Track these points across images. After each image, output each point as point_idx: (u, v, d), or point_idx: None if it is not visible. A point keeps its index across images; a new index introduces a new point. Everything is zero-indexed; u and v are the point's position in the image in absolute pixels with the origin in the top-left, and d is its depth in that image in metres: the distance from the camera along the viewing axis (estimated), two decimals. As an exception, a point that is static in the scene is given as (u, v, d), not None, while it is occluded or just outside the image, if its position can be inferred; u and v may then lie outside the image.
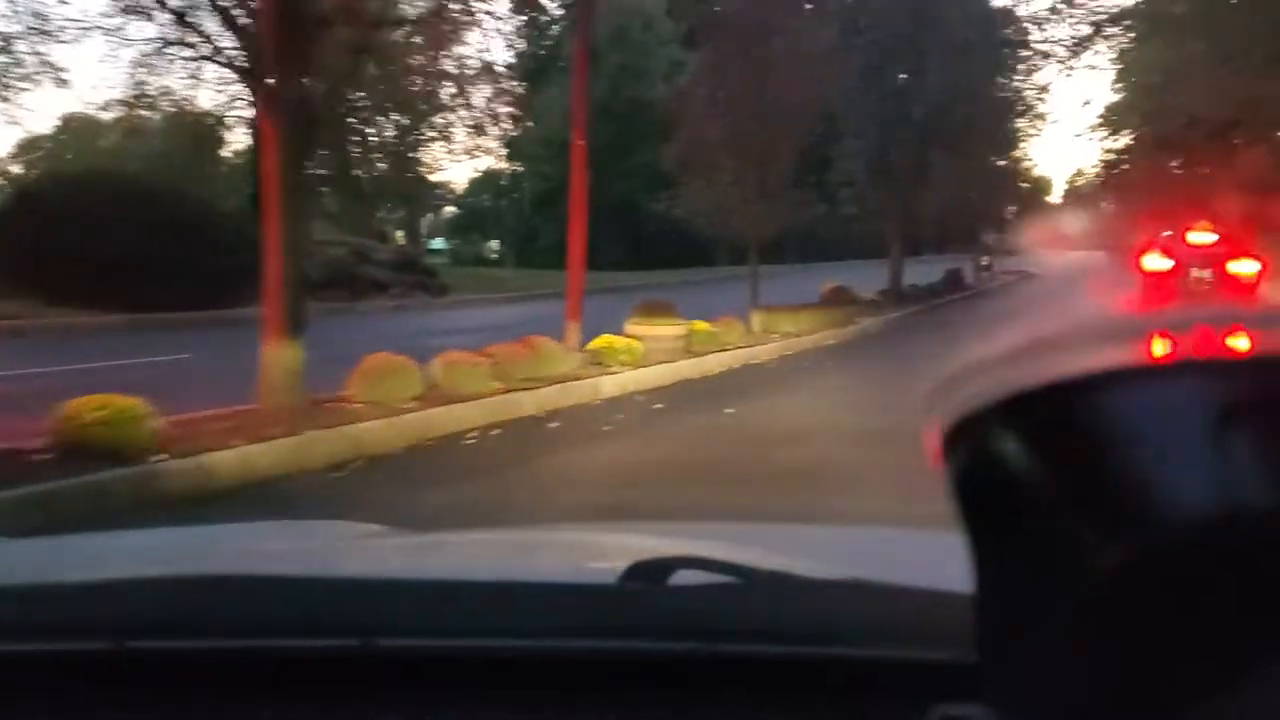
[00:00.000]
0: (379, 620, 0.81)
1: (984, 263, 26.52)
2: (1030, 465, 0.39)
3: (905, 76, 19.08)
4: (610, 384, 8.47)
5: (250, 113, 29.11)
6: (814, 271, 24.02)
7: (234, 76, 8.66)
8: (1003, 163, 28.32)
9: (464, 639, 0.81)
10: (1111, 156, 60.54)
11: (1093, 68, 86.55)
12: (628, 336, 9.92)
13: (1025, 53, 26.15)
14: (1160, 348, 0.37)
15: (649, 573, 0.83)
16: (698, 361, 9.86)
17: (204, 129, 28.94)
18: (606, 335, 9.37)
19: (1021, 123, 31.25)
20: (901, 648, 0.75)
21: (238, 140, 31.13)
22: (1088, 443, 0.37)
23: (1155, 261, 15.43)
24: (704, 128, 12.25)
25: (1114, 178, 61.24)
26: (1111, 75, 59.99)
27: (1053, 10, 21.25)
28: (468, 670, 0.81)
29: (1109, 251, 67.91)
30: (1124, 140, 57.74)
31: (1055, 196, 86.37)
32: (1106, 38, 29.40)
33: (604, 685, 0.79)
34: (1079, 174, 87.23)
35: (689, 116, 12.51)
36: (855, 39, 18.01)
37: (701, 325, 10.66)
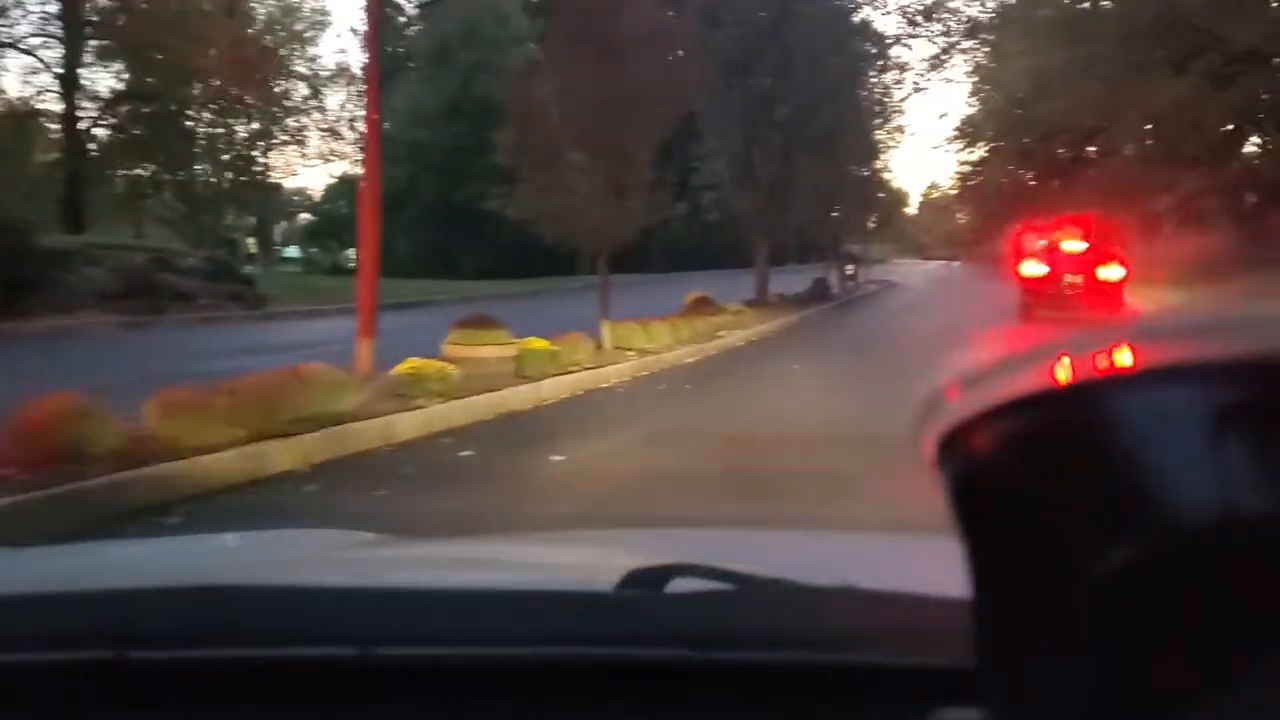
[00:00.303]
0: (377, 629, 0.81)
1: (849, 271, 25.68)
2: (1027, 470, 0.40)
3: (769, 79, 17.81)
4: (409, 423, 6.58)
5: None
6: (678, 281, 22.65)
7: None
8: (865, 173, 27.94)
9: (462, 647, 0.81)
10: (967, 168, 62.00)
11: (949, 81, 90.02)
12: (445, 359, 8.10)
13: (883, 62, 25.88)
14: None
15: (646, 580, 0.83)
16: (531, 389, 8.08)
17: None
18: (414, 359, 7.52)
19: (881, 134, 31.32)
20: (899, 654, 0.75)
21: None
22: (1085, 448, 0.38)
23: (1032, 268, 16.41)
24: (546, 116, 10.45)
25: (969, 189, 62.64)
26: (968, 88, 61.29)
27: (910, 24, 20.55)
28: (466, 679, 0.80)
29: (965, 261, 70.14)
30: (979, 153, 59.23)
31: (912, 208, 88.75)
32: (963, 51, 29.43)
33: (601, 693, 0.79)
34: (934, 186, 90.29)
35: (530, 103, 10.68)
36: (716, 32, 16.62)
37: (538, 344, 8.89)
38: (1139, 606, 0.37)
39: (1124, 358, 0.37)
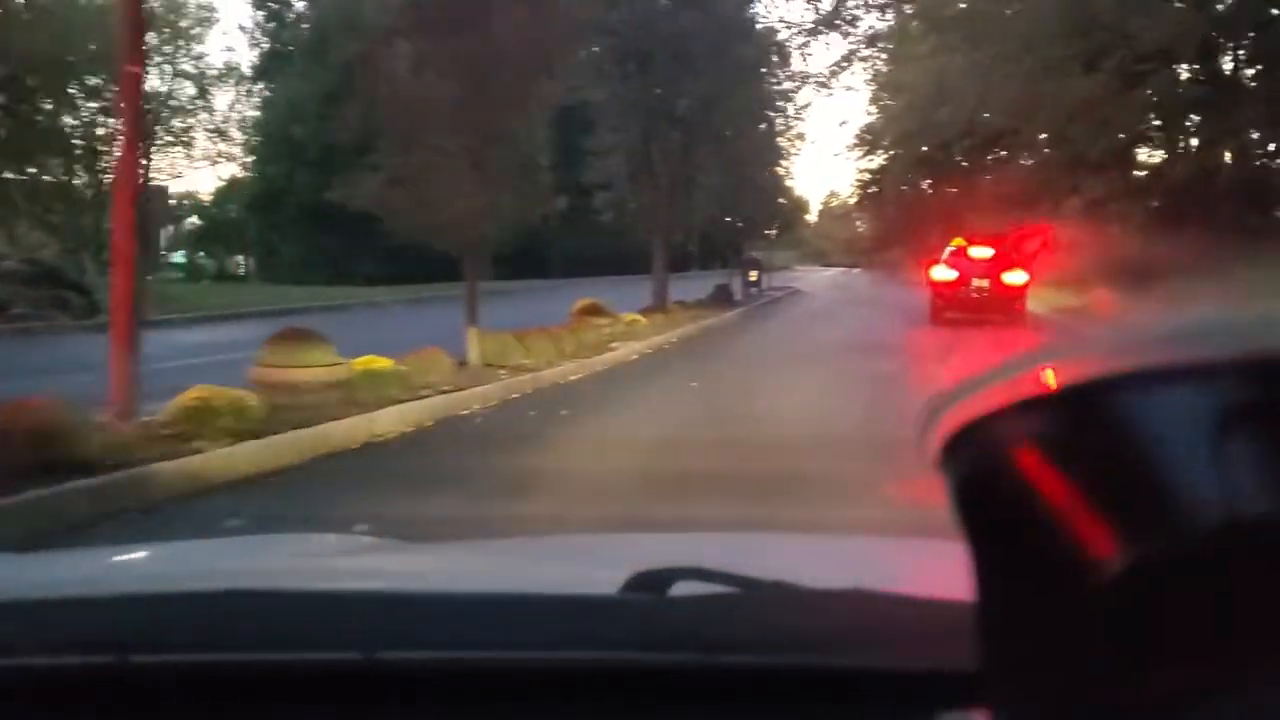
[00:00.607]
0: (381, 633, 0.81)
1: (752, 278, 24.45)
2: (1031, 472, 0.39)
3: (669, 67, 16.36)
4: (171, 476, 4.80)
5: None
6: (575, 288, 21.11)
7: None
8: (769, 177, 27.01)
9: (466, 651, 0.80)
10: (867, 176, 61.99)
11: (850, 89, 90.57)
12: (255, 384, 6.36)
13: (785, 69, 25.09)
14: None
15: (650, 583, 0.83)
16: (363, 421, 6.33)
17: None
18: (203, 387, 5.77)
19: (783, 141, 30.67)
20: (903, 657, 0.75)
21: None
22: (1089, 450, 0.38)
23: (942, 273, 17.07)
24: (404, 88, 8.72)
25: (868, 197, 62.66)
26: (868, 96, 61.38)
27: (812, 32, 19.48)
28: (470, 683, 0.80)
29: (865, 268, 70.42)
30: (879, 160, 59.26)
31: (813, 215, 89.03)
32: (864, 60, 28.87)
33: (606, 697, 0.79)
34: (833, 194, 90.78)
35: (381, 72, 8.95)
36: (610, 14, 15.11)
37: (378, 363, 7.21)
38: (1143, 608, 0.37)
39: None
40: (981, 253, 16.96)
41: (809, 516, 4.07)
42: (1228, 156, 19.39)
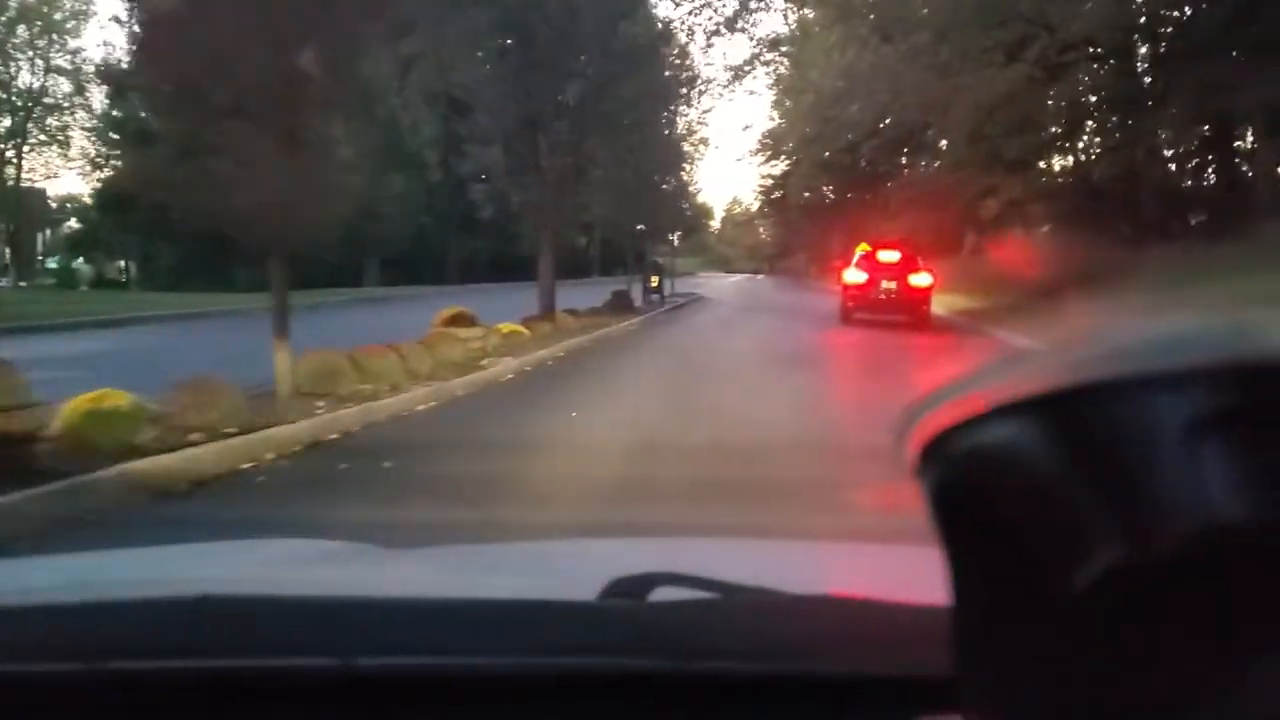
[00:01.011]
0: (359, 640, 0.80)
1: (653, 283, 22.65)
2: (1008, 478, 0.40)
3: (554, 40, 14.33)
4: None
5: None
6: (465, 295, 18.99)
7: None
8: (671, 180, 25.47)
9: (445, 657, 0.80)
10: (769, 181, 61.12)
11: (752, 93, 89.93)
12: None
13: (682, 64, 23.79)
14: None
15: (629, 589, 0.82)
16: (62, 485, 4.23)
17: None
18: None
19: (687, 146, 29.27)
20: (882, 663, 0.75)
21: None
22: (1065, 456, 0.38)
23: (853, 275, 17.60)
24: (179, 46, 6.52)
25: (772, 203, 61.81)
26: (771, 100, 60.52)
27: (714, 33, 17.86)
28: (449, 690, 0.80)
29: (768, 274, 69.73)
30: (782, 166, 58.39)
31: (717, 222, 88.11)
32: (766, 64, 27.54)
33: (585, 703, 0.79)
34: (736, 201, 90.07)
35: (163, 27, 6.73)
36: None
37: (113, 400, 5.03)
38: (1119, 614, 0.37)
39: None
40: (889, 256, 17.59)
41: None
42: (1145, 157, 18.29)
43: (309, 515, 4.25)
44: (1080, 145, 20.84)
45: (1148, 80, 17.73)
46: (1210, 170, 19.41)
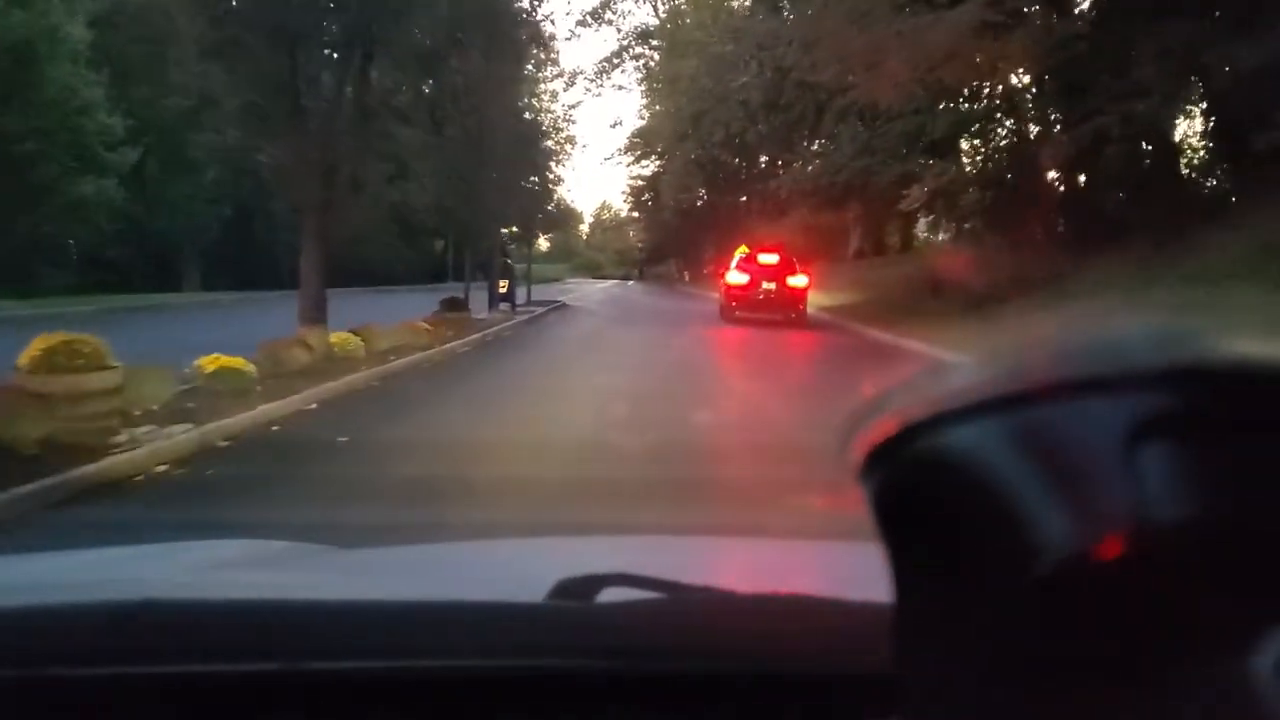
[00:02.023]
0: (304, 643, 0.78)
1: (502, 288, 17.93)
2: (949, 481, 0.40)
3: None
4: None
5: None
6: (263, 304, 13.91)
7: None
8: (536, 181, 21.56)
9: (390, 660, 0.78)
10: (640, 183, 57.08)
11: (621, 88, 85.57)
12: None
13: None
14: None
15: (577, 590, 0.81)
16: None
17: None
18: None
19: (551, 145, 25.51)
20: (832, 662, 0.75)
21: None
22: (1006, 458, 0.38)
23: (735, 277, 18.09)
24: None
25: (642, 205, 57.78)
26: (640, 96, 56.58)
27: (580, 23, 13.57)
28: (393, 692, 0.78)
29: (640, 279, 65.85)
30: (653, 166, 54.38)
31: (586, 227, 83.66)
32: (636, 57, 23.85)
33: (533, 705, 0.78)
34: (606, 205, 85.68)
35: None
36: None
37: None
38: (1056, 615, 0.37)
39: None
40: (768, 258, 17.99)
41: None
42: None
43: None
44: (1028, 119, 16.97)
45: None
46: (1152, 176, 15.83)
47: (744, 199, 34.42)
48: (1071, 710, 0.38)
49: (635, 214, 60.04)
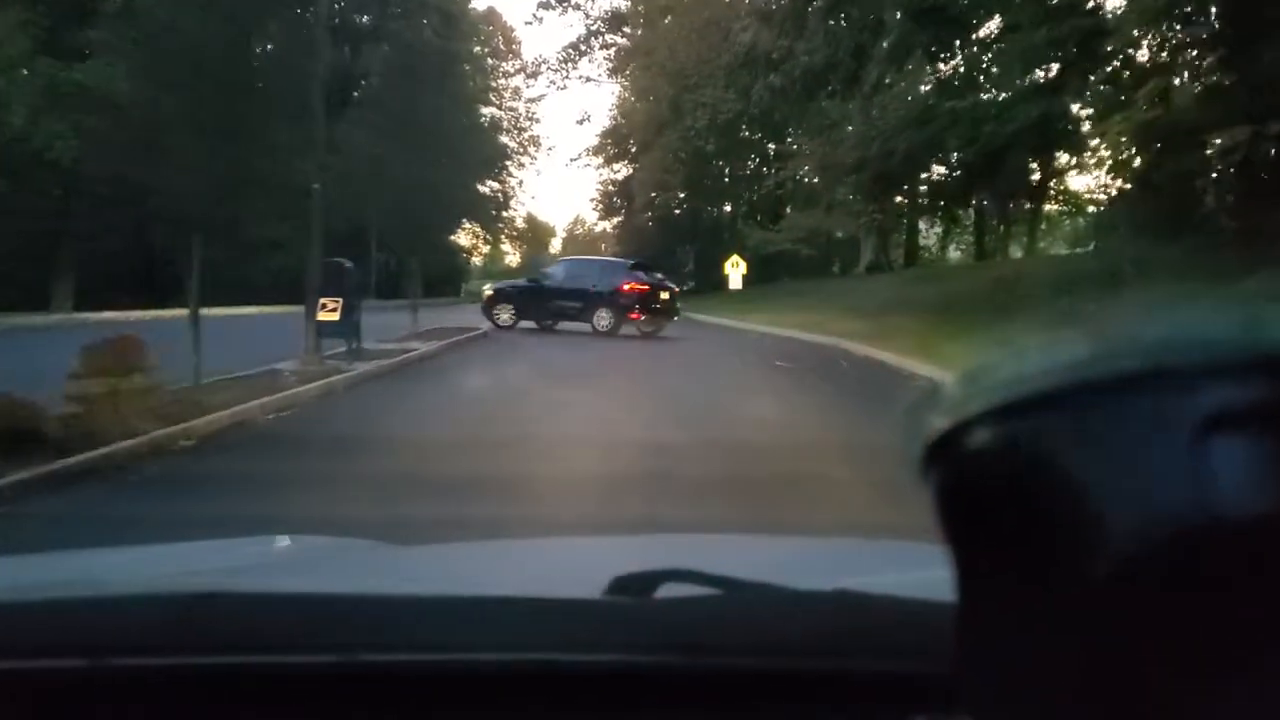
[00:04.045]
0: (361, 636, 0.78)
1: (327, 314, 10.39)
2: (1014, 476, 0.39)
3: None
4: None
5: None
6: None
7: None
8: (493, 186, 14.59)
9: (449, 654, 0.78)
10: (610, 187, 49.99)
11: (589, 80, 78.58)
12: None
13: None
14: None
15: (634, 585, 0.80)
16: None
17: None
18: None
19: (510, 142, 19.12)
20: (886, 659, 0.74)
21: None
22: (1072, 452, 0.37)
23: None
24: None
25: (613, 210, 50.83)
26: (612, 95, 49.71)
27: (543, 4, 6.76)
28: (453, 686, 0.78)
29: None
30: (625, 170, 47.19)
31: (558, 241, 76.63)
32: (606, 47, 17.80)
33: (591, 699, 0.77)
34: (579, 219, 78.63)
35: None
36: None
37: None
38: (1125, 612, 0.36)
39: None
40: (647, 276, 18.83)
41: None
42: None
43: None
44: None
45: None
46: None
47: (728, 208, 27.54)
48: (1139, 711, 0.36)
49: (607, 224, 53.17)
